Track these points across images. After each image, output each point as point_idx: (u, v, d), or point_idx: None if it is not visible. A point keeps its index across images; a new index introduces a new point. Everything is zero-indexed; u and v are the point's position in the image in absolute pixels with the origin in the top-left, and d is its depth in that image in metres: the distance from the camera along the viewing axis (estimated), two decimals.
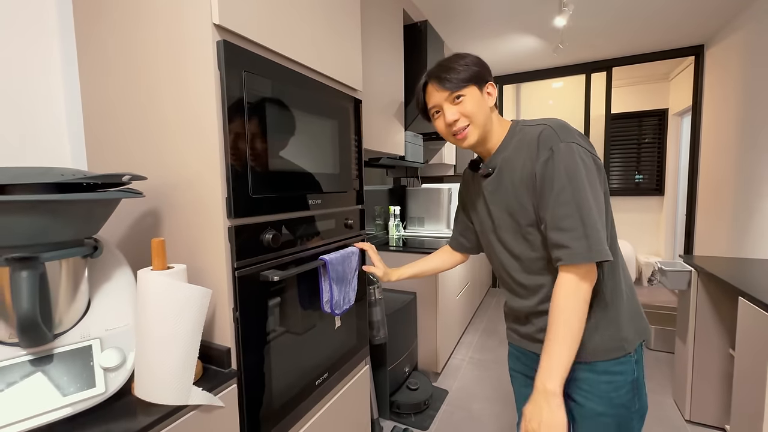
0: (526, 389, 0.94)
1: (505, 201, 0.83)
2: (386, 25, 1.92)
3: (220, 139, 0.74)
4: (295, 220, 0.94)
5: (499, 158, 0.84)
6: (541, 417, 0.69)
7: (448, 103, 0.81)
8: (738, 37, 2.54)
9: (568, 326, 0.71)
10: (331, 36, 1.08)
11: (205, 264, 0.78)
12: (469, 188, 0.98)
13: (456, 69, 0.80)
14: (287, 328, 0.93)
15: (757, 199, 2.27)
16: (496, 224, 0.87)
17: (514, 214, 0.82)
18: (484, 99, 0.82)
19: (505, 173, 0.83)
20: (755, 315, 1.19)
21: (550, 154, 0.73)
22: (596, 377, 0.79)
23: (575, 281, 0.71)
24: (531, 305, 0.84)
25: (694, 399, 1.76)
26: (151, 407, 0.66)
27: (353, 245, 1.12)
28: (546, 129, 0.76)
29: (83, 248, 0.69)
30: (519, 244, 0.83)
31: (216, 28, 0.72)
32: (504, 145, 0.84)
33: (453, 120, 0.81)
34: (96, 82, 0.91)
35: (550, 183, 0.73)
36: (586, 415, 0.81)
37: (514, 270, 0.86)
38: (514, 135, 0.83)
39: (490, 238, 0.90)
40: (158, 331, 0.66)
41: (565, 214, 0.71)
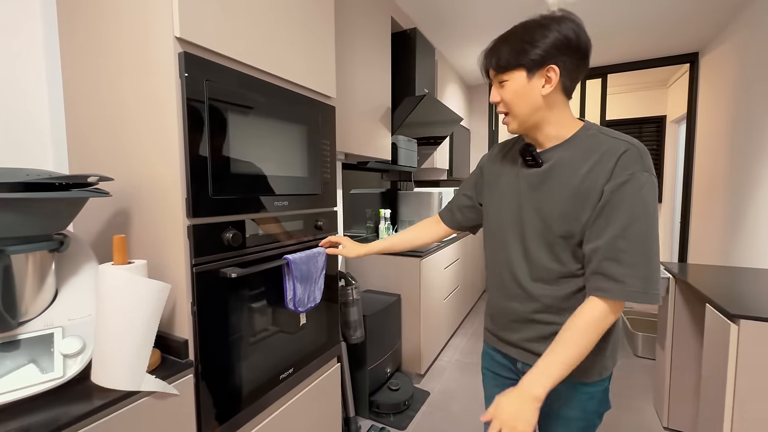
0: (495, 389, 0.95)
1: (545, 201, 0.76)
2: (373, 33, 1.97)
3: (180, 145, 0.79)
4: (259, 221, 0.99)
5: (556, 155, 0.76)
6: (514, 414, 0.68)
7: (495, 83, 0.78)
8: (730, 45, 2.54)
9: (577, 349, 0.69)
10: (301, 44, 1.13)
11: (167, 260, 0.83)
12: (498, 169, 0.89)
13: (511, 46, 0.73)
14: (248, 324, 0.98)
15: (745, 206, 2.27)
16: (522, 221, 0.80)
17: (548, 219, 0.76)
18: (534, 86, 0.72)
19: (557, 173, 0.75)
20: (718, 321, 1.20)
21: (628, 179, 0.68)
22: (573, 390, 0.81)
23: (605, 314, 0.69)
24: (525, 311, 0.82)
25: (672, 406, 1.76)
26: (106, 392, 0.70)
27: (319, 245, 1.16)
28: (632, 150, 0.69)
29: (50, 243, 0.74)
30: (539, 250, 0.78)
31: (177, 41, 0.78)
32: (567, 144, 0.76)
33: (494, 102, 0.79)
34: (76, 89, 0.97)
35: (620, 210, 0.68)
36: (558, 417, 0.84)
37: (522, 273, 0.81)
38: (585, 138, 0.75)
39: (507, 233, 0.84)
40: (115, 321, 0.71)
41: (628, 248, 0.67)
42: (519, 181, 0.82)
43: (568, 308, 0.77)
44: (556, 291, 0.78)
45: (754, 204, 2.15)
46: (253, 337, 0.99)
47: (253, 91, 0.95)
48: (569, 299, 0.77)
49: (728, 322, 1.13)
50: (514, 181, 0.83)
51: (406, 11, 2.37)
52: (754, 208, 2.16)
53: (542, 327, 0.80)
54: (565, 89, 0.75)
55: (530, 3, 2.24)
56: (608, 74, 3.39)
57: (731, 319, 1.13)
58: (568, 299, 0.77)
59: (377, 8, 2.02)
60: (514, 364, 0.90)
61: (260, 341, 1.02)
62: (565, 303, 0.77)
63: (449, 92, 3.21)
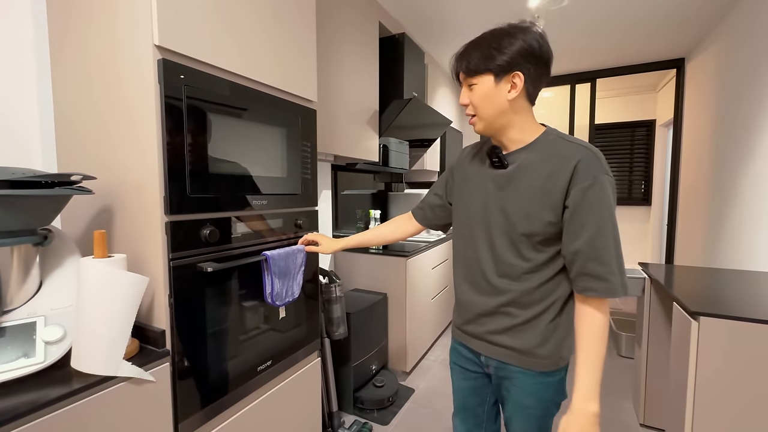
0: (462, 382, 1.01)
1: (510, 201, 0.81)
2: (361, 37, 2.03)
3: (158, 146, 0.84)
4: (237, 218, 1.04)
5: (521, 157, 0.81)
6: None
7: (465, 86, 0.83)
8: (712, 51, 2.60)
9: (602, 353, 0.76)
10: (281, 51, 1.18)
11: (146, 255, 0.89)
12: (467, 170, 0.94)
13: (480, 52, 0.77)
14: (225, 316, 1.02)
15: (727, 209, 2.32)
16: (489, 219, 0.85)
17: (512, 217, 0.81)
18: (500, 90, 0.77)
19: (522, 174, 0.80)
20: (682, 319, 1.25)
21: (592, 182, 0.73)
22: (531, 380, 0.86)
23: (603, 312, 0.76)
24: (491, 305, 0.86)
25: (648, 403, 1.81)
26: (85, 377, 0.75)
27: (298, 243, 1.21)
28: (590, 154, 0.75)
29: (34, 237, 0.79)
30: (504, 247, 0.83)
31: (157, 48, 0.83)
32: (531, 148, 0.81)
33: (462, 104, 0.83)
34: (64, 92, 1.02)
35: (589, 212, 0.73)
36: (517, 406, 0.89)
37: (489, 268, 0.86)
38: (546, 142, 0.81)
39: (476, 230, 0.88)
40: (93, 311, 0.76)
41: (605, 246, 0.73)
42: (486, 181, 0.86)
43: (531, 302, 0.82)
44: (520, 285, 0.83)
45: (737, 207, 2.20)
46: (229, 329, 1.04)
47: (232, 96, 1.01)
48: (532, 293, 0.82)
49: (690, 319, 1.18)
50: (482, 181, 0.88)
51: (394, 16, 2.42)
52: (736, 211, 2.21)
53: (507, 320, 0.85)
54: (529, 95, 0.80)
55: (514, 9, 2.30)
56: (597, 78, 3.45)
57: (692, 316, 1.17)
58: (531, 293, 0.82)
59: (365, 13, 2.08)
60: (478, 357, 0.94)
61: (237, 333, 1.07)
62: (529, 297, 0.83)
63: (440, 95, 3.26)
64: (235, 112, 1.02)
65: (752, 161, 2.03)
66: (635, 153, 4.21)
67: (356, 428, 1.77)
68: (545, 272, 0.81)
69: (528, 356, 0.84)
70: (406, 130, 2.59)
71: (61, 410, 0.69)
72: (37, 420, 0.66)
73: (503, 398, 0.93)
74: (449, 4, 2.29)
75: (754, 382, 1.08)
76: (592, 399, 0.75)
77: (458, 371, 1.02)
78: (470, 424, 1.02)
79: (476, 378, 0.98)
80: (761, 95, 1.94)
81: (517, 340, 0.85)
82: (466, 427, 1.03)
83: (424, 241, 2.63)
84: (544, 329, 0.83)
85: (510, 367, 0.87)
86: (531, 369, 0.85)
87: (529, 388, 0.87)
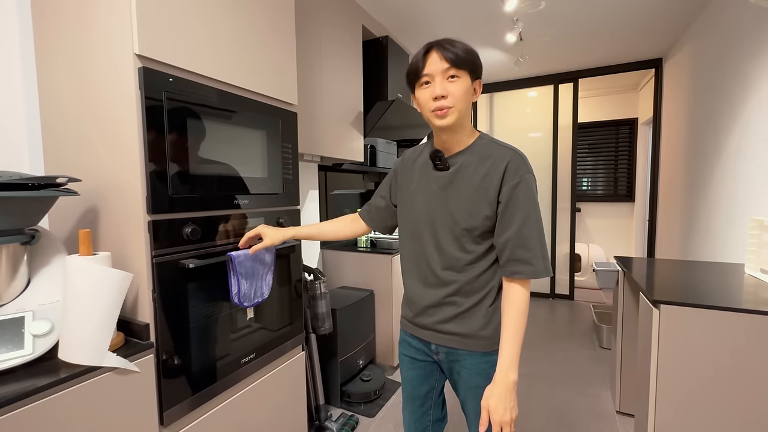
0: (411, 371, 1.06)
1: (452, 199, 0.89)
2: (344, 41, 2.09)
3: (140, 149, 0.89)
4: (220, 217, 1.09)
5: (460, 160, 0.89)
6: (506, 404, 0.82)
7: (442, 77, 0.83)
8: (686, 51, 2.69)
9: (522, 328, 0.85)
10: (261, 56, 1.23)
11: (130, 252, 0.93)
12: (411, 172, 1.00)
13: (462, 49, 0.83)
14: (208, 310, 1.07)
15: (698, 203, 2.40)
16: (433, 217, 0.92)
17: (454, 214, 0.88)
18: (470, 91, 0.85)
19: (461, 175, 0.88)
20: (646, 307, 1.32)
21: (519, 181, 0.83)
22: (477, 359, 0.93)
23: (525, 292, 0.86)
24: (438, 296, 0.93)
25: (623, 391, 1.88)
26: (72, 367, 0.80)
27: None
28: (516, 156, 0.86)
29: (21, 236, 0.84)
30: (448, 242, 0.90)
31: (137, 57, 0.88)
32: (468, 151, 0.89)
33: (441, 95, 0.82)
34: (50, 98, 1.06)
35: (517, 206, 0.83)
36: (468, 387, 0.96)
37: (435, 262, 0.93)
38: (481, 146, 0.89)
39: (422, 227, 0.94)
40: (79, 305, 0.81)
41: (530, 235, 0.83)
42: (430, 182, 0.93)
43: (473, 290, 0.91)
44: (464, 276, 0.91)
45: (706, 202, 2.29)
46: (212, 322, 1.09)
47: (212, 101, 1.05)
48: (474, 282, 0.91)
49: (651, 307, 1.25)
50: (425, 182, 0.94)
51: (377, 19, 2.48)
52: (706, 205, 2.30)
53: (453, 309, 0.93)
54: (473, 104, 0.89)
55: (492, 12, 2.36)
56: (579, 78, 3.53)
57: (654, 304, 1.24)
58: (473, 282, 0.91)
59: (348, 17, 2.13)
60: (429, 346, 1.00)
61: (219, 327, 1.12)
62: (471, 286, 0.91)
63: None
64: (216, 116, 1.07)
65: (720, 157, 2.12)
66: (619, 151, 4.31)
67: (343, 421, 1.82)
68: (484, 262, 0.90)
69: (473, 339, 0.92)
70: (391, 131, 2.65)
71: (49, 398, 0.74)
72: (26, 406, 0.70)
73: (455, 382, 1.00)
74: (430, 8, 2.36)
75: (712, 366, 1.14)
76: (512, 369, 0.84)
77: (407, 362, 1.07)
78: (418, 414, 1.07)
79: (424, 366, 1.04)
80: (729, 93, 2.03)
81: (462, 326, 0.92)
82: (414, 417, 1.07)
83: None
84: (485, 313, 0.91)
85: (458, 351, 0.94)
86: (476, 350, 0.92)
87: (477, 368, 0.94)
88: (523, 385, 2.14)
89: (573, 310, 3.49)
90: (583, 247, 4.19)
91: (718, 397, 1.14)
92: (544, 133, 3.74)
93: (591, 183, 4.49)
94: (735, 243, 1.92)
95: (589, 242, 4.37)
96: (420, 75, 0.85)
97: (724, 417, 1.13)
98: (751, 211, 1.77)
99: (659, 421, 1.21)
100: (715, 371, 1.14)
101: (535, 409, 1.94)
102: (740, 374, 1.11)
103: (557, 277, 3.82)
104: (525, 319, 0.86)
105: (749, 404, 1.11)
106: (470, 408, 0.97)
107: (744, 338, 1.10)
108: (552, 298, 3.83)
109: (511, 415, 0.82)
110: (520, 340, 0.85)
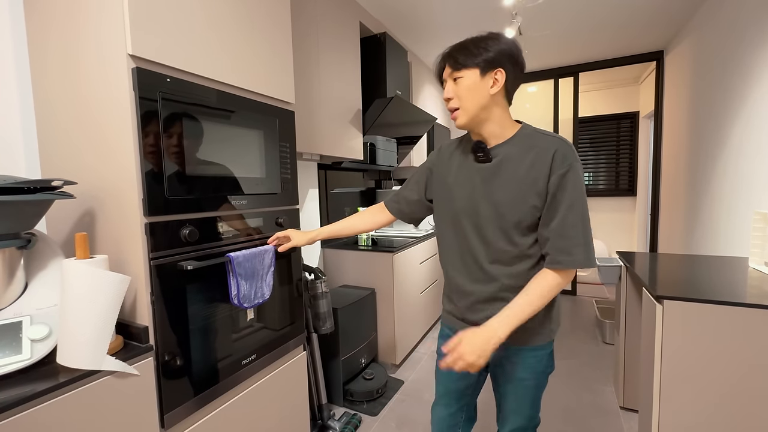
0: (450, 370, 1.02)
1: (497, 192, 0.88)
2: (342, 38, 2.07)
3: (135, 151, 0.88)
4: (217, 218, 1.08)
5: (503, 151, 0.88)
6: (476, 349, 0.78)
7: (450, 79, 0.88)
8: (687, 43, 2.66)
9: (535, 306, 0.82)
10: (257, 55, 1.22)
11: (127, 255, 0.92)
12: (447, 165, 0.99)
13: (467, 50, 0.84)
14: (207, 312, 1.07)
15: (701, 197, 2.39)
16: (477, 210, 0.90)
17: (500, 206, 0.87)
18: (484, 85, 0.84)
19: (506, 166, 0.87)
20: (650, 303, 1.31)
21: (568, 169, 0.82)
22: (525, 353, 0.94)
23: (561, 280, 0.84)
24: (488, 291, 0.92)
25: (626, 387, 1.87)
26: (71, 371, 0.79)
27: (267, 242, 1.22)
28: (563, 144, 0.85)
29: (17, 241, 0.83)
30: (494, 235, 0.89)
31: (131, 57, 0.87)
32: (511, 142, 0.88)
33: (447, 97, 0.89)
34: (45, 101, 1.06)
35: (565, 194, 0.82)
36: (511, 379, 0.97)
37: (482, 256, 0.92)
38: (525, 136, 0.88)
39: (464, 221, 0.93)
40: (76, 309, 0.80)
41: (574, 224, 0.82)
42: (472, 174, 0.92)
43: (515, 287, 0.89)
44: (513, 270, 0.90)
45: (709, 195, 2.27)
46: (212, 324, 1.08)
47: (207, 100, 1.04)
48: (524, 276, 0.89)
49: (655, 303, 1.24)
50: (467, 175, 0.93)
51: (375, 16, 2.46)
52: (708, 199, 2.28)
53: (504, 304, 0.87)
54: (507, 93, 0.88)
55: (491, 6, 2.34)
56: (579, 72, 3.50)
57: (657, 300, 1.23)
58: (523, 276, 0.89)
59: (346, 14, 2.12)
60: None
61: (219, 328, 1.11)
62: (521, 280, 0.89)
63: (426, 93, 3.31)
64: (212, 116, 1.06)
65: (722, 150, 2.10)
66: (621, 145, 4.28)
67: (345, 419, 1.82)
68: (533, 255, 0.89)
69: (525, 334, 0.91)
70: (391, 128, 2.63)
71: (48, 402, 0.73)
72: (25, 411, 0.70)
73: (496, 375, 1.01)
74: (428, 4, 2.33)
75: (716, 362, 1.13)
76: (506, 328, 0.80)
77: None
78: (453, 408, 1.08)
79: None
80: (731, 86, 2.01)
81: None
82: (448, 411, 1.08)
83: (411, 236, 2.68)
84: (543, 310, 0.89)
85: (508, 346, 0.93)
86: (527, 345, 0.92)
87: (523, 363, 0.95)
88: None
89: (575, 306, 3.47)
90: None
91: (722, 392, 1.13)
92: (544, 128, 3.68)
93: (592, 178, 4.46)
94: (738, 237, 1.90)
95: None
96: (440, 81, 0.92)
97: (729, 413, 1.12)
98: (754, 205, 1.75)
99: (663, 417, 1.20)
100: (719, 366, 1.13)
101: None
102: (745, 369, 1.10)
103: None
104: (543, 303, 0.83)
105: (754, 399, 1.09)
106: (510, 401, 0.98)
107: (749, 333, 1.09)
108: None
109: (477, 360, 0.78)
110: (528, 314, 0.82)
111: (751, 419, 1.10)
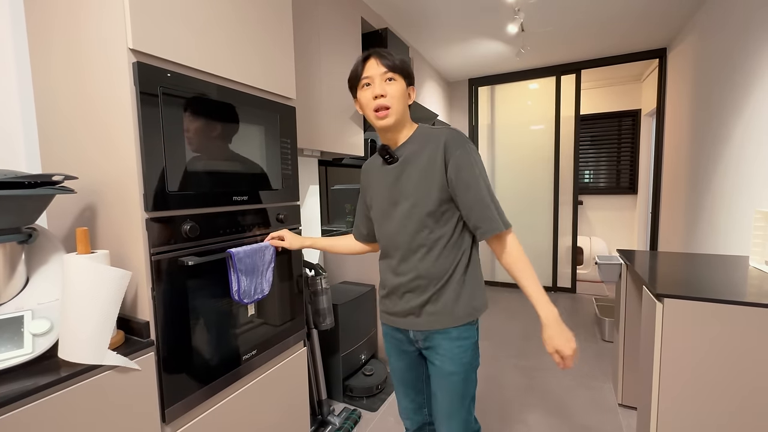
0: (400, 362, 1.10)
1: (407, 186, 0.96)
2: (343, 33, 2.06)
3: (136, 146, 0.87)
4: (218, 214, 1.08)
5: (406, 150, 0.98)
6: (562, 338, 0.86)
7: (381, 79, 0.93)
8: (690, 41, 2.65)
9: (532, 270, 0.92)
10: (258, 50, 1.21)
11: (128, 250, 0.92)
12: (368, 178, 1.09)
13: (397, 58, 0.95)
14: (208, 307, 1.07)
15: (702, 196, 2.38)
16: (395, 207, 0.99)
17: (411, 198, 0.95)
18: (406, 95, 0.97)
19: (409, 162, 0.96)
20: (649, 301, 1.31)
21: (459, 151, 0.92)
22: (450, 343, 0.96)
23: (514, 239, 0.93)
24: (406, 282, 0.99)
25: (625, 384, 1.88)
26: (72, 366, 0.79)
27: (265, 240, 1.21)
28: (453, 132, 0.95)
29: (18, 235, 0.83)
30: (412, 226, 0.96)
31: (131, 52, 0.86)
32: (410, 140, 0.98)
33: (380, 94, 0.93)
34: (46, 96, 1.05)
35: (465, 173, 0.91)
36: (441, 374, 0.99)
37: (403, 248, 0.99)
38: (420, 134, 0.99)
39: (387, 219, 1.01)
40: (77, 304, 0.80)
41: (483, 197, 0.91)
42: (385, 176, 1.01)
43: (442, 268, 0.95)
44: (431, 256, 0.96)
45: (710, 194, 2.27)
46: (212, 319, 1.09)
47: (208, 95, 1.04)
48: (442, 260, 0.96)
49: (655, 301, 1.24)
50: (381, 178, 1.02)
51: (377, 11, 2.44)
52: (709, 197, 2.28)
53: (424, 290, 0.97)
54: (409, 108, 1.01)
55: (493, 2, 2.32)
56: (581, 70, 3.49)
57: (658, 298, 1.23)
58: (440, 260, 0.96)
59: (347, 9, 2.10)
60: (407, 335, 1.04)
61: (220, 324, 1.11)
62: (439, 264, 0.96)
63: (427, 89, 3.29)
64: (212, 111, 1.05)
65: (724, 148, 2.09)
66: (622, 142, 4.27)
67: (345, 415, 1.83)
68: (447, 238, 0.95)
69: (447, 315, 0.96)
70: None
71: (50, 396, 0.73)
72: (27, 406, 0.70)
73: (429, 374, 1.04)
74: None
75: (716, 360, 1.14)
76: (549, 304, 0.89)
77: (394, 354, 1.12)
78: (411, 395, 1.13)
79: (410, 355, 1.08)
80: (733, 84, 2.00)
81: (437, 305, 0.96)
82: (408, 398, 1.13)
83: None
84: (455, 287, 0.96)
85: (434, 335, 0.97)
86: (451, 326, 0.95)
87: (450, 353, 0.97)
88: (525, 378, 2.15)
89: (575, 303, 3.48)
90: (585, 240, 4.17)
91: (721, 390, 1.13)
92: (546, 125, 3.71)
93: (593, 175, 4.45)
94: (739, 235, 1.90)
95: (592, 235, 4.35)
96: (360, 78, 0.96)
97: (727, 410, 1.13)
98: (755, 203, 1.75)
99: (662, 414, 1.21)
100: (718, 365, 1.13)
101: (538, 402, 1.95)
102: (744, 368, 1.10)
103: (559, 271, 3.81)
104: (529, 261, 0.92)
105: (752, 397, 1.10)
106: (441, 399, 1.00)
107: (748, 331, 1.09)
108: (554, 291, 3.83)
109: (569, 343, 0.86)
110: (537, 280, 0.91)
111: (750, 417, 1.10)
